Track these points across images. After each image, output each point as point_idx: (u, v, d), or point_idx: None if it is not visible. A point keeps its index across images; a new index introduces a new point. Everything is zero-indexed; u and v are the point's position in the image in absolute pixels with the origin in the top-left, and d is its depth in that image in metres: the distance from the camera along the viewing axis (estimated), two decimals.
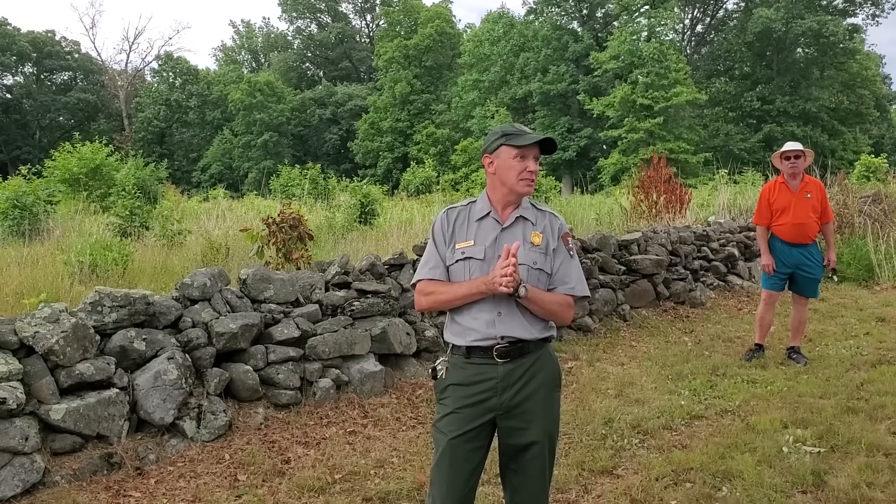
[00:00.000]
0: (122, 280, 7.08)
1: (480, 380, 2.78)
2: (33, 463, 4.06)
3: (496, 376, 2.76)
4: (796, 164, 6.75)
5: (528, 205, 2.94)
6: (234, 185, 46.51)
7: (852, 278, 11.09)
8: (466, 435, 2.78)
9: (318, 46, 64.42)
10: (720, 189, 15.91)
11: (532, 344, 2.80)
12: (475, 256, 2.83)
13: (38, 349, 4.31)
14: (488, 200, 2.92)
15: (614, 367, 6.76)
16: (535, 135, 2.82)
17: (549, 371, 2.85)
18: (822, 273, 7.01)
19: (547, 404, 2.82)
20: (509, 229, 2.85)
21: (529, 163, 2.84)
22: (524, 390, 2.77)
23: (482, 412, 2.77)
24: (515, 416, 2.77)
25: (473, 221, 2.91)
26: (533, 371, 2.79)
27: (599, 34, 47.69)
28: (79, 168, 18.37)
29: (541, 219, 2.91)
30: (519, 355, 2.78)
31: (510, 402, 2.76)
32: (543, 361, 2.83)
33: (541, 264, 2.82)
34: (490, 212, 2.90)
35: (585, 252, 8.47)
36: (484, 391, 2.77)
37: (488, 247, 2.83)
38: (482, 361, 2.78)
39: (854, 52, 45.34)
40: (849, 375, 6.33)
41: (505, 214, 2.90)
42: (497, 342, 2.76)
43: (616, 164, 39.16)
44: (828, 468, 4.31)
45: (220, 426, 4.90)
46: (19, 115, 54.45)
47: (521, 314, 2.78)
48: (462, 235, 2.90)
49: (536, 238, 2.84)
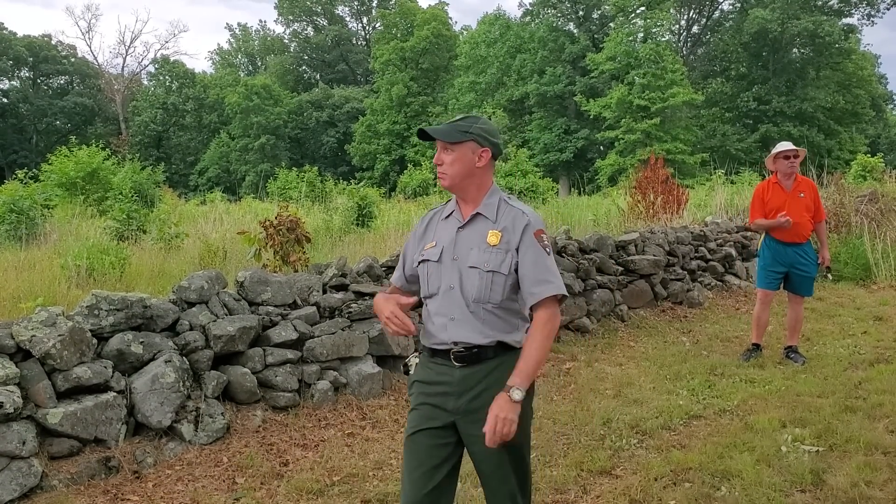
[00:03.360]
0: (120, 283, 7.07)
1: (440, 381, 2.70)
2: (31, 467, 4.05)
3: (453, 380, 2.67)
4: (795, 164, 6.82)
5: (494, 201, 2.74)
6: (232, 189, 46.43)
7: (849, 277, 11.10)
8: (426, 432, 2.70)
9: (314, 49, 64.43)
10: (717, 189, 15.92)
11: (490, 350, 2.66)
12: (431, 258, 2.74)
13: (35, 353, 4.30)
14: (455, 198, 2.83)
15: (612, 367, 6.76)
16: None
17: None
18: (816, 271, 7.04)
19: None
20: (466, 228, 2.72)
21: (436, 156, 2.76)
22: (482, 397, 2.62)
23: (442, 414, 2.69)
24: (474, 422, 2.62)
25: (441, 220, 2.82)
26: (493, 377, 2.63)
27: (596, 35, 47.73)
28: (76, 172, 18.35)
29: (504, 216, 2.71)
30: (476, 361, 2.65)
31: (467, 406, 2.65)
32: (506, 368, 2.62)
33: (494, 266, 2.63)
34: (454, 210, 2.80)
35: (583, 253, 8.47)
36: (443, 393, 2.69)
37: (445, 247, 2.72)
38: (442, 363, 2.70)
39: (850, 53, 45.41)
40: (847, 374, 6.34)
41: (465, 212, 2.76)
42: (451, 346, 2.67)
43: (613, 165, 39.18)
44: (826, 467, 4.32)
45: (217, 429, 4.89)
46: (16, 120, 54.43)
47: (476, 319, 2.65)
48: (430, 236, 2.81)
49: (493, 237, 2.66)
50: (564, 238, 8.42)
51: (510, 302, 2.68)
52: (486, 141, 2.71)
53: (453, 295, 2.67)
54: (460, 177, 2.70)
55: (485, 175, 2.74)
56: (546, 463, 4.52)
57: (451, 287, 2.67)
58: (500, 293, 2.64)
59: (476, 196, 2.73)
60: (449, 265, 2.69)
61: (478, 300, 2.63)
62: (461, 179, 2.70)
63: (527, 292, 2.64)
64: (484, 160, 2.71)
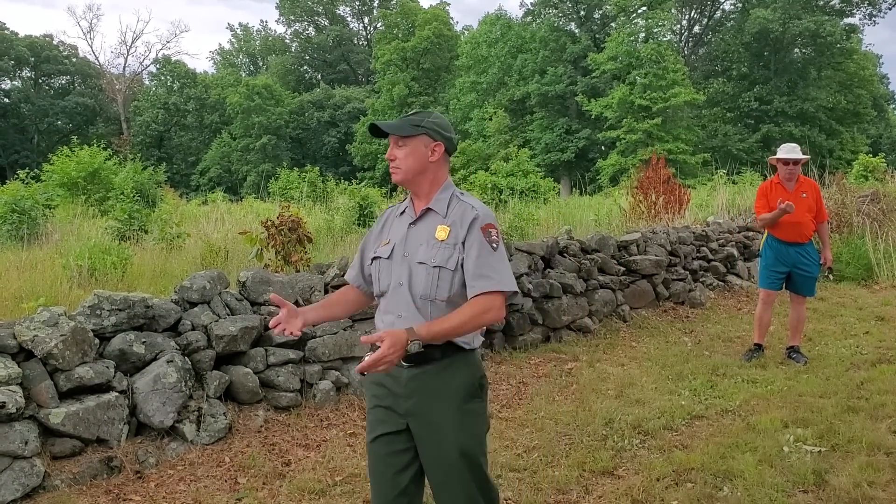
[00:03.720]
0: (121, 283, 7.06)
1: (390, 382, 2.64)
2: (33, 467, 4.05)
3: (401, 380, 2.61)
4: (793, 170, 6.87)
5: (446, 196, 2.69)
6: (233, 189, 46.48)
7: (851, 277, 11.09)
8: (383, 439, 2.65)
9: (315, 49, 64.43)
10: (719, 189, 15.90)
11: (438, 351, 2.56)
12: (382, 256, 2.70)
13: (38, 353, 4.31)
14: (410, 195, 2.79)
15: (614, 367, 6.76)
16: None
17: (462, 380, 2.61)
18: (818, 271, 7.04)
19: (457, 417, 2.58)
20: (417, 224, 2.68)
21: (388, 151, 2.72)
22: (428, 399, 2.57)
23: (394, 415, 2.63)
24: (422, 425, 2.59)
25: (397, 218, 2.79)
26: (442, 379, 2.58)
27: (597, 35, 47.71)
28: (77, 172, 18.35)
29: (453, 211, 2.66)
30: (424, 361, 2.56)
31: (414, 409, 2.59)
32: (456, 370, 2.59)
33: (441, 261, 2.57)
34: (408, 207, 2.76)
35: (584, 253, 8.47)
36: (392, 395, 2.63)
37: (397, 244, 2.68)
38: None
39: (851, 52, 45.40)
40: (849, 374, 6.33)
41: (417, 208, 2.73)
42: None
43: (615, 165, 39.16)
44: (829, 467, 4.31)
45: (220, 429, 4.89)
46: (17, 120, 54.44)
47: (424, 318, 2.57)
48: (386, 234, 2.78)
49: (442, 232, 2.61)
50: (566, 238, 8.42)
51: (459, 299, 2.59)
52: (438, 135, 2.67)
53: (401, 292, 2.62)
54: (413, 172, 2.66)
55: (438, 170, 2.70)
56: (548, 463, 4.52)
57: (400, 284, 2.63)
58: (446, 289, 2.58)
59: (429, 191, 2.69)
60: (399, 262, 2.65)
61: (425, 296, 2.58)
62: (414, 174, 2.67)
63: (468, 285, 2.58)
64: (437, 154, 2.67)
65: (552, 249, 8.02)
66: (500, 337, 7.21)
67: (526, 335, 7.37)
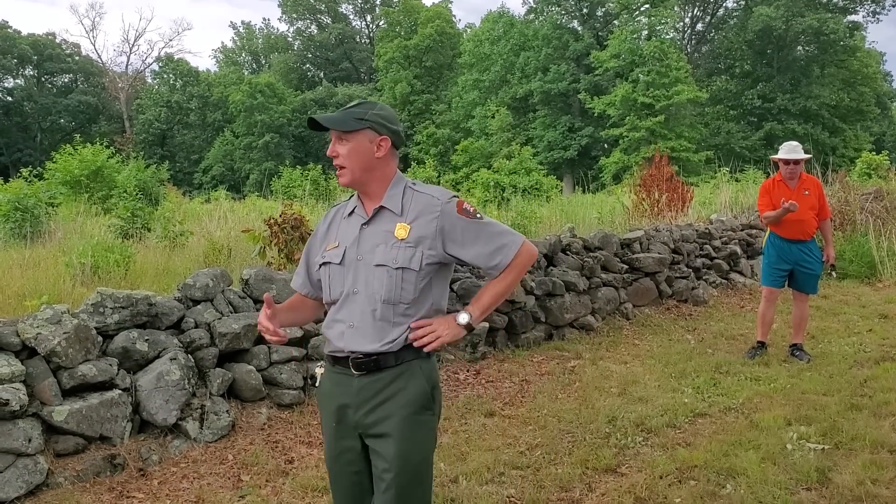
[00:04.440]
0: (124, 281, 7.07)
1: (340, 392, 2.48)
2: (36, 464, 4.06)
3: (351, 390, 2.45)
4: (794, 170, 6.86)
5: (398, 191, 2.49)
6: (236, 187, 46.53)
7: (854, 275, 11.08)
8: (342, 458, 2.51)
9: (318, 47, 64.41)
10: (722, 187, 15.90)
11: (392, 357, 2.41)
12: (333, 261, 2.48)
13: (41, 351, 4.31)
14: (357, 193, 2.57)
15: (617, 365, 6.75)
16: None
17: (414, 390, 2.43)
18: (821, 269, 7.03)
19: (406, 428, 2.40)
20: (370, 225, 2.47)
21: (329, 148, 2.50)
22: (379, 409, 2.41)
23: (347, 429, 2.48)
24: (372, 437, 2.43)
25: (344, 219, 2.56)
26: (393, 388, 2.41)
27: (600, 33, 47.67)
28: (80, 170, 18.38)
29: (412, 205, 2.45)
30: (376, 369, 2.41)
31: (364, 420, 2.43)
32: (408, 378, 2.42)
33: (404, 262, 2.38)
34: (356, 207, 2.54)
35: (587, 251, 8.46)
36: (343, 406, 2.46)
37: (349, 247, 2.46)
38: (342, 372, 2.48)
39: (855, 50, 45.34)
40: (852, 372, 6.32)
41: (368, 208, 2.50)
42: (348, 355, 2.44)
43: (617, 163, 39.15)
44: (832, 465, 4.31)
45: (223, 427, 4.89)
46: (20, 118, 54.52)
47: (375, 326, 2.40)
48: (333, 237, 2.55)
49: (402, 231, 2.41)
50: (569, 236, 8.42)
51: (423, 299, 2.44)
52: (384, 128, 2.46)
53: (356, 300, 2.43)
54: (359, 170, 2.45)
55: (386, 166, 2.49)
56: (551, 461, 4.52)
57: (355, 291, 2.43)
58: (411, 291, 2.40)
59: (378, 189, 2.48)
60: (353, 266, 2.44)
61: (388, 300, 2.39)
62: (361, 173, 2.45)
63: (487, 269, 2.48)
64: (383, 149, 2.47)
65: (555, 247, 8.01)
66: (502, 335, 7.21)
67: (529, 333, 7.37)
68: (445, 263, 2.48)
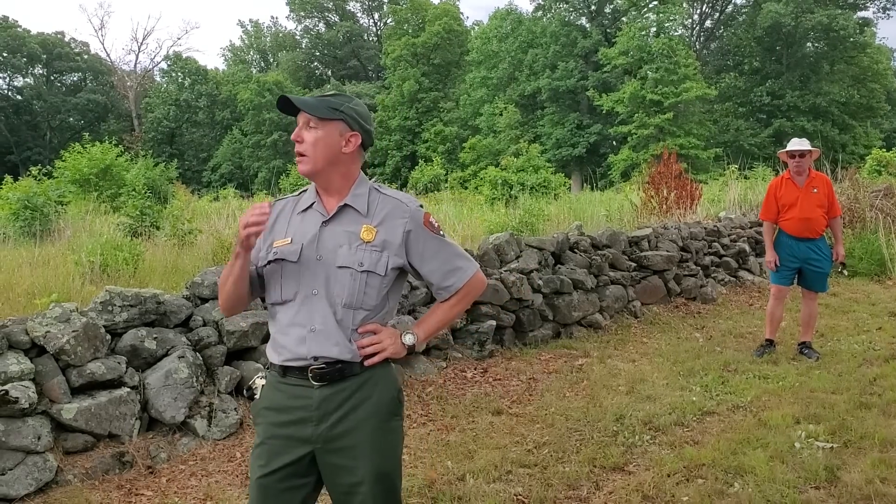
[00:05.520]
0: (133, 279, 7.10)
1: (295, 406, 2.30)
2: (46, 462, 4.08)
3: (311, 403, 2.28)
4: (801, 163, 6.80)
5: (364, 191, 2.37)
6: (245, 185, 46.67)
7: (864, 273, 11.02)
8: (278, 473, 2.29)
9: (326, 45, 64.48)
10: (730, 185, 15.84)
11: (357, 365, 2.30)
12: (288, 258, 2.30)
13: (50, 349, 4.33)
14: (315, 188, 2.42)
15: (625, 363, 6.74)
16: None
17: (380, 397, 2.33)
18: (830, 267, 7.00)
19: (377, 437, 2.30)
20: (332, 223, 2.33)
21: (295, 131, 2.37)
22: (345, 421, 2.28)
23: (296, 444, 2.29)
24: (336, 451, 2.28)
25: (296, 214, 2.40)
26: (359, 397, 2.29)
27: (608, 30, 47.54)
28: (89, 169, 18.48)
29: (379, 208, 2.34)
30: (340, 378, 2.28)
31: (328, 434, 2.27)
32: (374, 386, 2.32)
33: (370, 265, 2.28)
34: (315, 202, 2.38)
35: (595, 249, 8.45)
36: (298, 420, 2.29)
37: (306, 245, 2.31)
38: (297, 383, 2.30)
39: (865, 46, 45.07)
40: (861, 370, 6.29)
41: (329, 205, 2.36)
42: (310, 363, 2.27)
43: (626, 160, 39.08)
44: (841, 463, 4.29)
45: (231, 424, 4.91)
46: (30, 117, 54.81)
47: (342, 330, 2.27)
48: (282, 231, 2.37)
49: (367, 233, 2.30)
50: (577, 234, 8.40)
51: (384, 305, 2.36)
52: (356, 124, 2.35)
53: (316, 302, 2.28)
54: (323, 161, 2.31)
55: (351, 164, 2.37)
56: (559, 459, 4.52)
57: (314, 293, 2.28)
58: (374, 296, 2.30)
59: (342, 187, 2.36)
60: (312, 266, 2.29)
61: (349, 305, 2.27)
62: (324, 164, 2.32)
63: (439, 288, 2.41)
64: (352, 146, 2.34)
65: (563, 245, 8.00)
66: (510, 333, 7.20)
67: (536, 331, 7.36)
68: (404, 272, 2.41)
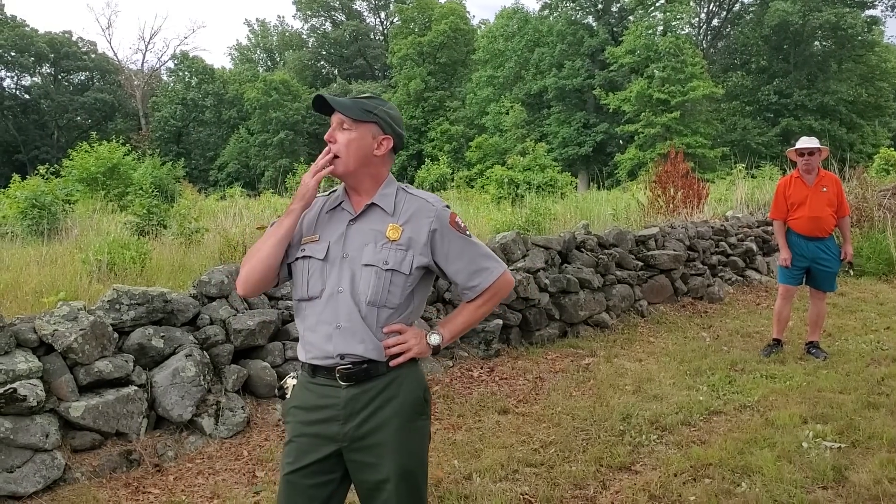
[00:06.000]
0: (140, 278, 7.11)
1: (323, 405, 2.32)
2: (54, 459, 4.09)
3: (338, 402, 2.30)
4: (810, 161, 6.79)
5: (391, 191, 2.39)
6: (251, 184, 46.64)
7: (872, 272, 10.98)
8: (305, 470, 2.31)
9: (332, 44, 64.51)
10: (738, 184, 15.78)
11: (383, 365, 2.31)
12: (315, 256, 2.34)
13: (58, 347, 4.35)
14: (345, 187, 2.45)
15: (632, 363, 6.73)
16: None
17: (407, 397, 2.34)
18: (839, 267, 6.97)
19: (402, 436, 2.31)
20: (358, 222, 2.35)
21: (328, 131, 2.39)
22: (372, 420, 2.30)
23: (324, 442, 2.32)
24: (362, 449, 2.30)
25: (325, 213, 2.42)
26: (385, 397, 2.31)
27: (615, 29, 47.44)
28: (96, 167, 18.50)
29: (405, 207, 2.36)
30: (366, 378, 2.30)
31: (355, 433, 2.29)
32: (400, 385, 2.33)
33: (395, 264, 2.29)
34: (343, 201, 2.41)
35: (602, 248, 8.43)
36: (326, 419, 2.31)
37: (333, 243, 2.34)
38: (325, 383, 2.33)
39: (873, 45, 44.83)
40: (869, 370, 6.27)
41: (357, 204, 2.39)
42: (337, 362, 2.30)
43: (633, 159, 38.98)
44: (849, 463, 4.27)
45: (238, 423, 4.92)
46: (37, 116, 54.92)
47: (368, 327, 2.29)
48: (311, 229, 2.41)
49: (393, 232, 2.31)
50: (583, 233, 8.39)
51: (408, 304, 2.36)
52: (389, 128, 2.37)
53: (341, 299, 2.29)
54: (356, 163, 2.34)
55: (382, 166, 2.40)
56: (565, 458, 4.51)
57: (340, 290, 2.30)
58: (398, 295, 2.31)
59: (370, 187, 2.39)
60: (337, 264, 2.31)
61: (373, 303, 2.29)
62: (356, 166, 2.34)
63: (465, 288, 2.41)
64: (384, 149, 2.37)
65: (569, 244, 7.99)
66: (516, 332, 7.20)
67: (543, 330, 7.36)
68: (431, 272, 2.41)
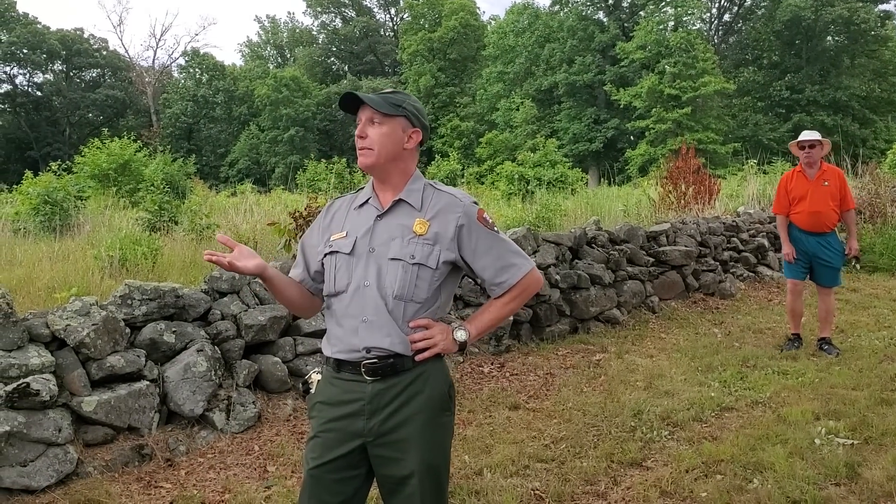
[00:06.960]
0: (152, 274, 7.13)
1: (348, 400, 2.32)
2: (66, 454, 4.11)
3: (364, 397, 2.30)
4: (811, 154, 6.76)
5: (418, 186, 2.41)
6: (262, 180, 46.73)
7: (885, 268, 10.90)
8: (330, 465, 2.32)
9: (342, 41, 64.55)
10: (749, 179, 15.72)
11: (409, 360, 2.30)
12: (342, 250, 2.35)
13: (70, 342, 4.37)
14: (372, 184, 2.47)
15: (643, 359, 6.72)
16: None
17: (431, 392, 2.33)
18: (842, 262, 6.93)
19: (427, 431, 2.31)
20: (386, 217, 2.36)
21: (359, 127, 2.38)
22: (397, 415, 2.29)
23: (349, 437, 2.31)
24: (387, 444, 2.29)
25: (353, 209, 2.44)
26: (410, 392, 2.30)
27: (626, 24, 47.31)
28: (108, 164, 18.57)
29: (433, 202, 2.37)
30: (392, 373, 2.29)
31: (380, 428, 2.29)
32: (426, 381, 2.32)
33: (421, 258, 2.29)
34: (370, 197, 2.43)
35: (613, 244, 8.41)
36: (350, 414, 2.31)
37: (360, 238, 2.35)
38: (350, 378, 2.32)
39: (886, 40, 44.58)
40: (882, 367, 6.23)
41: (384, 199, 2.41)
42: (363, 356, 2.29)
43: (644, 155, 38.89)
44: (861, 460, 4.25)
45: (249, 418, 4.93)
46: (49, 113, 55.18)
47: (395, 321, 2.29)
48: (339, 226, 2.43)
49: (420, 226, 2.32)
50: (594, 229, 8.37)
51: (433, 299, 2.35)
52: (417, 121, 2.40)
53: (368, 293, 2.30)
54: (386, 156, 2.35)
55: (410, 159, 2.42)
56: (576, 454, 4.51)
57: (366, 284, 2.31)
58: (425, 289, 2.31)
59: (398, 182, 2.40)
60: (364, 258, 2.33)
61: (400, 297, 2.28)
62: (386, 160, 2.35)
63: (492, 284, 2.40)
64: (413, 142, 2.40)
65: (580, 240, 7.98)
66: (527, 328, 7.19)
67: (553, 326, 7.35)
68: (458, 267, 2.41)
